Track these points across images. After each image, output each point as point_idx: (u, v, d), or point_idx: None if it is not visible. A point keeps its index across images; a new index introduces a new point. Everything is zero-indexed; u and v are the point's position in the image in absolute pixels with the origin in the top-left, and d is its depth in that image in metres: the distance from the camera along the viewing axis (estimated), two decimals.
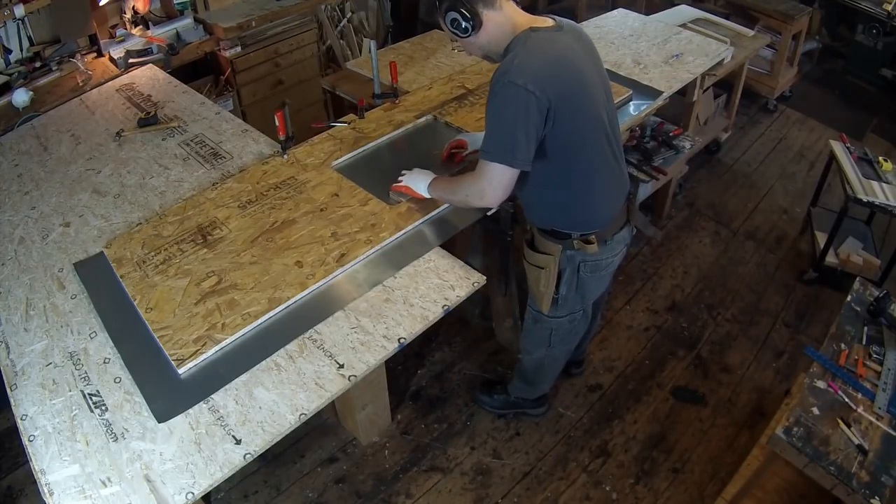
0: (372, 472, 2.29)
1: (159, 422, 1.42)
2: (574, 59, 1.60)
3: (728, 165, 3.95)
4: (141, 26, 3.25)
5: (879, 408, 1.75)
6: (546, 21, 1.64)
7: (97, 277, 1.80)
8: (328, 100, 3.17)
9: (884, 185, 2.84)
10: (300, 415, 1.42)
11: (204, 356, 1.54)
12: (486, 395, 2.47)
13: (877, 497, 1.54)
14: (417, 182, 1.92)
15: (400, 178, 1.97)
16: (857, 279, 2.19)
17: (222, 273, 1.75)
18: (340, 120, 2.43)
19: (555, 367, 2.26)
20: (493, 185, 1.60)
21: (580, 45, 1.66)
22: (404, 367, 2.65)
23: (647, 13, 3.62)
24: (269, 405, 1.44)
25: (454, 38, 1.66)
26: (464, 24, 1.57)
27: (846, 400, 1.76)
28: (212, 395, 1.46)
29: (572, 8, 5.44)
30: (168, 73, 2.97)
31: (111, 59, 3.03)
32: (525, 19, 1.62)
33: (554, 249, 1.78)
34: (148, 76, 2.91)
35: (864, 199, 2.77)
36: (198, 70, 3.43)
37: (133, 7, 3.24)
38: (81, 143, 2.44)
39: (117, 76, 2.92)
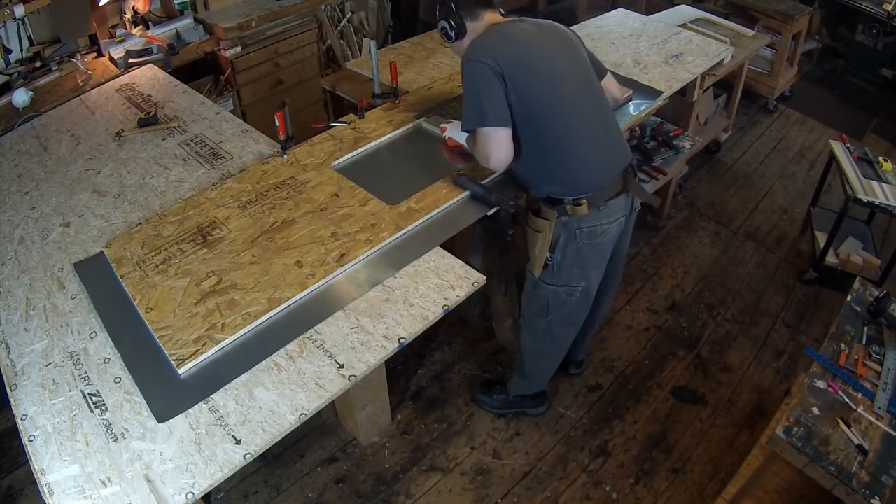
0: (372, 472, 2.29)
1: (159, 422, 1.42)
2: (526, 38, 1.84)
3: (728, 165, 3.95)
4: (141, 26, 3.25)
5: (879, 408, 1.75)
6: (511, 19, 1.92)
7: (97, 277, 1.80)
8: (328, 100, 3.17)
9: (884, 185, 2.84)
10: (300, 415, 1.42)
11: (204, 356, 1.54)
12: (486, 395, 2.49)
13: (877, 497, 1.54)
14: (460, 135, 2.12)
15: (445, 126, 2.23)
16: (857, 279, 2.19)
17: (222, 273, 1.75)
18: (340, 120, 2.43)
19: (553, 354, 2.27)
20: (486, 148, 1.79)
21: (540, 30, 1.88)
22: (404, 367, 2.65)
23: (647, 13, 3.62)
24: (269, 405, 1.44)
25: (445, 43, 1.99)
26: (451, 31, 1.90)
27: (846, 400, 1.76)
28: (212, 395, 1.46)
29: (572, 8, 5.44)
30: (168, 73, 2.97)
31: (111, 59, 3.03)
32: (494, 20, 1.91)
33: (551, 215, 1.88)
34: (148, 76, 2.91)
35: (864, 199, 2.77)
36: (198, 70, 3.43)
37: (133, 7, 3.24)
38: (81, 143, 2.44)
39: (117, 76, 2.92)
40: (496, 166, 1.82)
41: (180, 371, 1.50)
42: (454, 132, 2.17)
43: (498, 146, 1.76)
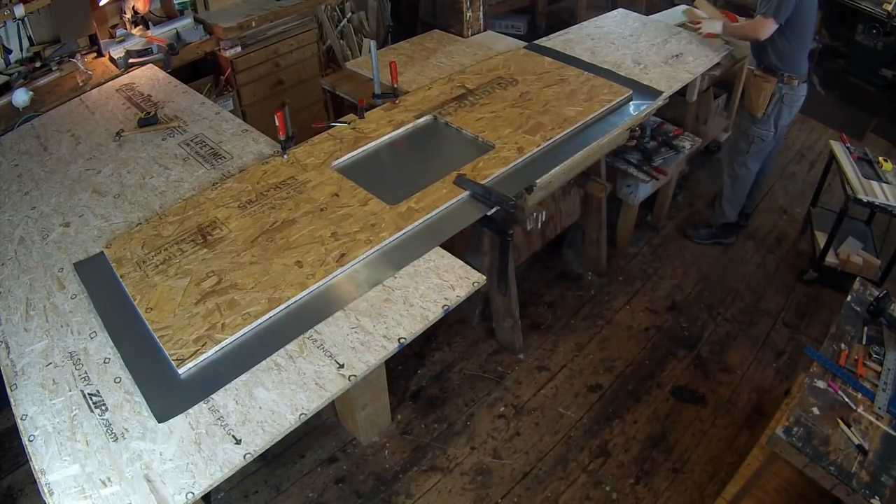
0: (372, 472, 2.29)
1: (159, 422, 1.42)
2: None
3: None
4: (141, 26, 3.25)
5: (879, 408, 1.75)
6: None
7: (97, 277, 1.80)
8: (328, 100, 3.17)
9: (884, 185, 2.84)
10: (300, 415, 1.42)
11: (204, 356, 1.54)
12: (694, 231, 3.35)
13: (877, 497, 1.54)
14: (713, 25, 3.05)
15: (699, 24, 3.12)
16: (857, 279, 2.19)
17: (222, 273, 1.75)
18: (340, 120, 2.43)
19: (746, 182, 3.16)
20: (765, 28, 2.67)
21: None
22: (404, 367, 2.65)
23: (647, 13, 3.62)
24: (269, 405, 1.44)
25: None
26: None
27: (846, 400, 1.76)
28: (212, 395, 1.46)
29: (572, 8, 5.44)
30: (168, 73, 2.97)
31: (111, 59, 3.03)
32: None
33: (772, 80, 2.83)
34: (148, 76, 2.91)
35: (864, 199, 2.77)
36: (198, 70, 3.43)
37: (133, 7, 3.24)
38: (81, 143, 2.44)
39: (117, 76, 2.92)
40: (756, 38, 2.75)
41: (180, 371, 1.50)
42: (710, 26, 3.05)
43: (767, 32, 2.68)
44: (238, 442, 1.37)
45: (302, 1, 3.55)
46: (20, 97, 2.69)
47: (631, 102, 2.57)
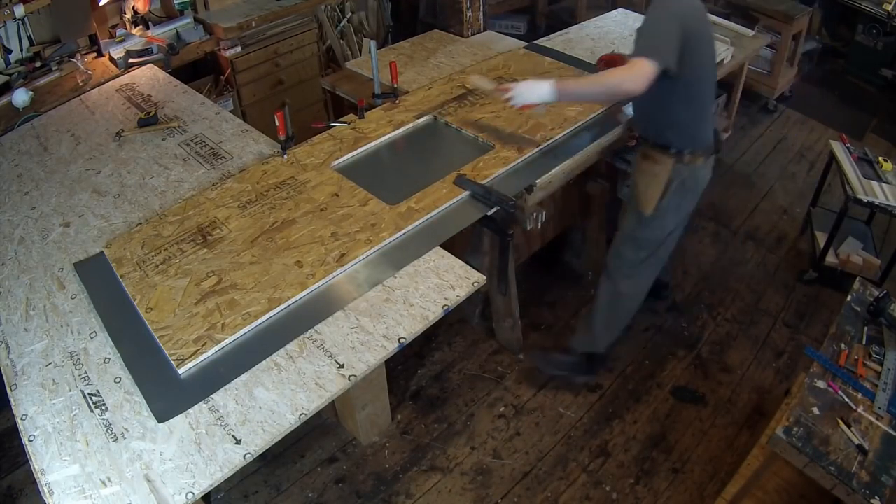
0: (372, 472, 2.29)
1: (159, 422, 1.42)
2: (703, 11, 1.96)
3: (728, 165, 3.95)
4: (141, 26, 3.25)
5: (879, 408, 1.75)
6: None
7: (97, 277, 1.81)
8: (328, 100, 3.17)
9: (884, 185, 2.84)
10: (300, 415, 1.42)
11: (204, 356, 1.54)
12: (543, 357, 2.57)
13: (877, 497, 1.54)
14: (533, 91, 1.98)
15: (508, 97, 2.01)
16: (857, 279, 2.19)
17: (222, 273, 1.75)
18: (340, 120, 2.43)
19: (629, 306, 2.38)
20: (637, 75, 1.80)
21: (703, 7, 2.00)
22: (404, 367, 2.65)
23: None
24: (269, 405, 1.44)
25: None
26: None
27: (846, 400, 1.76)
28: (212, 395, 1.46)
29: (572, 8, 5.44)
30: (168, 73, 2.97)
31: (111, 59, 3.03)
32: None
33: (666, 161, 2.07)
34: (148, 76, 2.91)
35: (864, 199, 2.77)
36: (198, 70, 3.43)
37: (133, 7, 3.24)
38: (81, 143, 2.44)
39: (117, 76, 2.92)
40: (629, 91, 1.86)
41: (180, 371, 1.50)
42: (526, 93, 1.98)
43: (645, 78, 1.80)
44: (238, 442, 1.37)
45: (302, 1, 3.55)
46: (20, 97, 2.69)
47: (631, 103, 2.57)
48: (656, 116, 2.07)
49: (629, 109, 2.53)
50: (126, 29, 3.22)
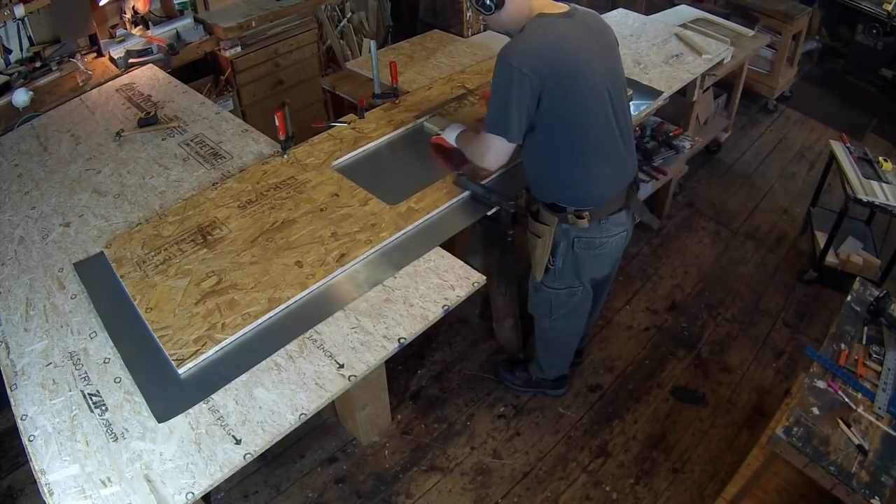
0: (372, 472, 2.29)
1: (159, 422, 1.42)
2: (572, 44, 1.69)
3: (728, 165, 3.95)
4: (141, 26, 3.25)
5: (879, 408, 1.75)
6: (560, 7, 1.75)
7: (97, 277, 1.80)
8: (328, 100, 3.17)
9: (884, 185, 2.84)
10: (300, 415, 1.42)
11: (204, 356, 1.54)
12: (509, 373, 2.55)
13: (877, 497, 1.54)
14: (450, 133, 2.15)
15: (440, 135, 2.21)
16: (857, 279, 2.19)
17: (222, 273, 1.75)
18: (340, 120, 2.43)
19: (565, 345, 2.33)
20: (490, 152, 1.79)
21: (586, 30, 1.76)
22: (404, 367, 2.65)
23: (647, 13, 3.62)
24: (269, 405, 1.44)
25: (479, 14, 1.84)
26: (488, 2, 1.72)
27: (846, 400, 1.76)
28: (212, 395, 1.46)
29: None
30: (168, 73, 2.97)
31: (111, 59, 3.03)
32: (540, 4, 1.74)
33: (551, 221, 1.88)
34: (148, 76, 2.91)
35: (864, 199, 2.77)
36: (198, 70, 3.43)
37: (133, 7, 3.24)
38: (81, 143, 2.44)
39: (117, 76, 2.92)
40: (488, 168, 1.87)
41: (180, 371, 1.50)
42: (448, 132, 2.18)
43: (500, 156, 1.79)
44: (238, 442, 1.37)
45: (302, 1, 3.55)
46: (20, 97, 2.69)
47: (631, 102, 2.57)
48: (536, 173, 1.88)
49: (630, 109, 2.53)
50: (126, 29, 3.22)
